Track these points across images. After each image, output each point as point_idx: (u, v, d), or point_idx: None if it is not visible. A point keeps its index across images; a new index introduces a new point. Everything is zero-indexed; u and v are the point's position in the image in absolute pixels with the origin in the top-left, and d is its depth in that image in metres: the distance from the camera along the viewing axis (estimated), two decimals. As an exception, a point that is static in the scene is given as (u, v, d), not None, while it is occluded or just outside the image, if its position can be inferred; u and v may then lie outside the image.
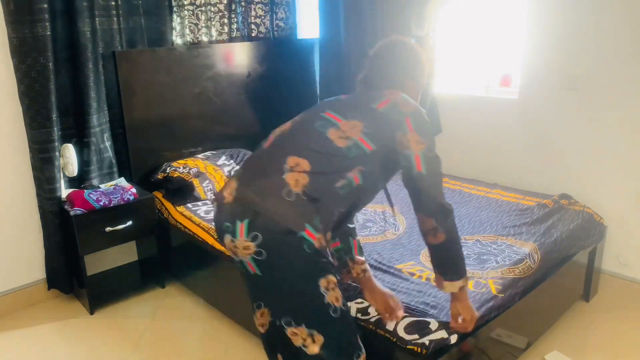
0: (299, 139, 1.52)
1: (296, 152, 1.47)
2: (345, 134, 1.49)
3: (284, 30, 3.70)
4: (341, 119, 1.52)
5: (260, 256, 1.38)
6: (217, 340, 2.46)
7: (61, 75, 2.68)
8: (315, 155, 1.46)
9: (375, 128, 1.51)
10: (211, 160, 3.11)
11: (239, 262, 1.46)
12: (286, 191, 1.39)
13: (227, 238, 1.44)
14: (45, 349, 2.46)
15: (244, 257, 1.42)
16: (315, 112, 1.59)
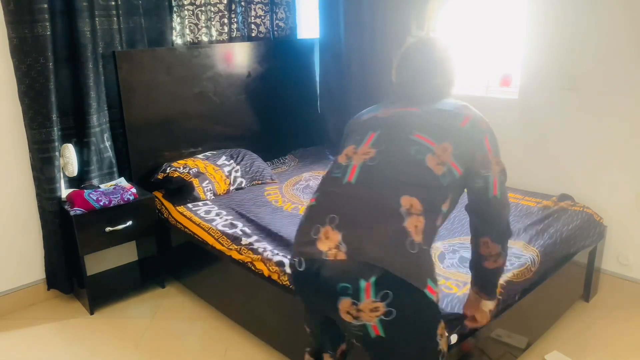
0: (400, 172, 1.31)
1: (407, 190, 1.28)
2: (440, 159, 1.33)
3: (284, 30, 3.70)
4: (434, 142, 1.34)
5: (389, 316, 1.20)
6: (217, 340, 2.46)
7: (61, 75, 2.68)
8: (424, 192, 1.29)
9: (461, 149, 1.36)
10: (211, 160, 3.10)
11: (357, 326, 1.24)
12: (409, 242, 1.23)
13: (344, 302, 1.22)
14: (45, 349, 2.46)
15: (369, 320, 1.21)
16: (402, 135, 1.37)
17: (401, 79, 1.54)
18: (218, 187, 2.94)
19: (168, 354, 2.39)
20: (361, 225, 1.26)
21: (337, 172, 1.39)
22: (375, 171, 1.33)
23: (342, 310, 1.24)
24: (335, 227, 1.27)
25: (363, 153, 1.38)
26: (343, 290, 1.22)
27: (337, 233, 1.26)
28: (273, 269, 2.14)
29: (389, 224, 1.25)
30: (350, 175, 1.35)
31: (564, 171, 2.80)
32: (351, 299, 1.21)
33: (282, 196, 2.92)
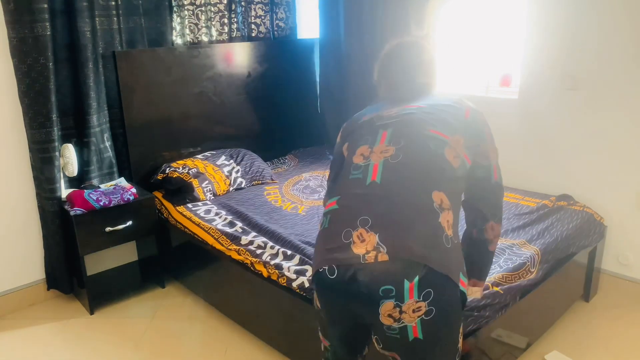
0: (425, 168, 1.31)
1: (436, 185, 1.28)
2: (455, 152, 1.34)
3: (284, 30, 3.70)
4: (448, 136, 1.36)
5: (429, 315, 1.20)
6: (217, 340, 2.46)
7: (61, 75, 2.68)
8: (449, 186, 1.30)
9: (470, 141, 1.39)
10: (211, 160, 3.10)
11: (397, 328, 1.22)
12: (445, 237, 1.24)
13: (386, 305, 1.20)
14: (45, 349, 2.46)
15: (411, 321, 1.21)
16: (417, 131, 1.37)
17: (389, 79, 1.58)
18: (218, 188, 2.94)
19: (168, 354, 2.39)
20: (398, 224, 1.24)
21: (357, 173, 1.35)
22: (400, 168, 1.31)
23: (384, 314, 1.21)
24: (370, 228, 1.24)
25: (381, 151, 1.35)
26: (386, 293, 1.19)
27: (372, 235, 1.23)
28: (272, 271, 2.14)
29: (426, 221, 1.24)
30: (374, 174, 1.32)
31: (564, 171, 2.80)
32: (394, 302, 1.19)
33: (281, 196, 2.92)
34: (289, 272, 2.08)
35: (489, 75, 3.15)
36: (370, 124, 1.46)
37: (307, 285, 2.00)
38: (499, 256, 2.13)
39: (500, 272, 1.98)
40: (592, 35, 2.55)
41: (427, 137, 1.35)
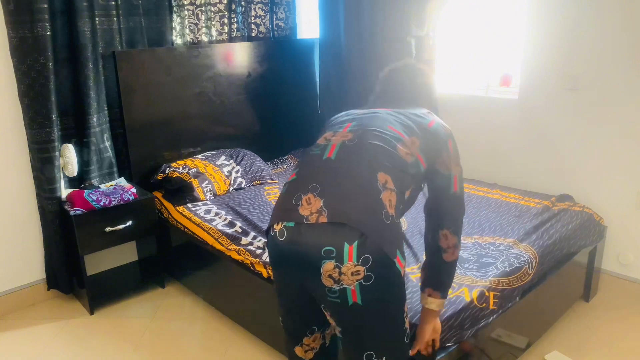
0: (377, 152, 1.43)
1: (382, 168, 1.39)
2: (409, 150, 1.47)
3: (284, 30, 3.70)
4: (404, 135, 1.49)
5: (368, 281, 1.28)
6: (217, 340, 2.47)
7: (61, 75, 2.68)
8: (396, 172, 1.41)
9: (427, 146, 1.51)
10: (211, 160, 3.10)
11: (337, 291, 1.31)
12: (384, 213, 1.33)
13: (327, 265, 1.29)
14: (45, 349, 2.46)
15: (350, 284, 1.29)
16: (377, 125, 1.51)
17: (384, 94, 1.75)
18: (218, 188, 2.94)
19: (168, 354, 2.39)
20: (341, 193, 1.36)
21: (316, 150, 1.51)
22: (354, 149, 1.45)
23: (325, 274, 1.30)
24: (317, 194, 1.36)
25: (342, 136, 1.51)
26: (327, 254, 1.28)
27: (318, 200, 1.35)
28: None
29: (367, 194, 1.35)
30: (330, 152, 1.47)
31: (564, 171, 2.80)
32: (335, 262, 1.28)
33: (282, 196, 2.92)
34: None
35: (489, 75, 3.15)
36: (341, 119, 1.64)
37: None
38: (497, 257, 2.13)
39: (496, 276, 1.97)
40: (592, 36, 2.55)
41: (383, 130, 1.49)
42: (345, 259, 1.27)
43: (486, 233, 2.37)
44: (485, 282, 1.93)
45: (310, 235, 1.32)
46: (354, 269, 1.27)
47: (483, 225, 2.46)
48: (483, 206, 2.68)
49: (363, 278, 1.28)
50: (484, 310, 1.83)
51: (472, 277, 1.96)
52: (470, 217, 2.53)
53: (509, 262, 2.07)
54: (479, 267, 2.05)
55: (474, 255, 2.16)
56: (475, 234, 2.37)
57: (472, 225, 2.45)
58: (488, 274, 1.98)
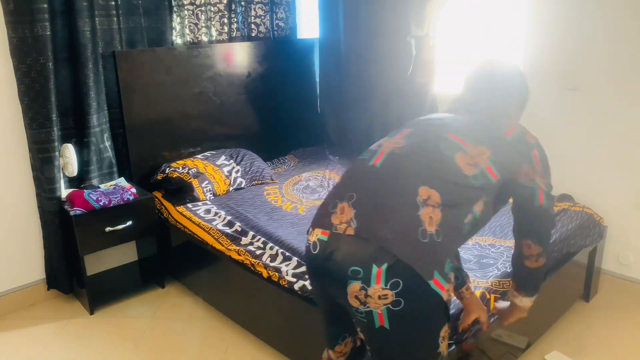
0: (425, 164, 1.34)
1: (427, 181, 1.29)
2: (473, 161, 1.34)
3: (284, 30, 3.70)
4: (468, 144, 1.36)
5: (397, 306, 1.20)
6: (217, 340, 2.47)
7: (61, 75, 2.68)
8: (446, 185, 1.30)
9: (502, 157, 1.39)
10: (210, 160, 3.10)
11: (363, 312, 1.25)
12: (421, 231, 1.23)
13: (353, 286, 1.22)
14: (45, 349, 2.46)
15: (376, 307, 1.22)
16: (435, 132, 1.42)
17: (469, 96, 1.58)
18: (217, 188, 2.94)
19: (168, 354, 2.39)
20: (376, 207, 1.29)
21: (365, 155, 1.44)
22: (400, 159, 1.37)
23: (351, 295, 1.24)
24: (352, 204, 1.30)
25: (394, 143, 1.43)
26: (354, 274, 1.22)
27: (351, 209, 1.29)
28: (272, 273, 2.14)
29: (403, 210, 1.26)
30: (377, 159, 1.39)
31: (564, 171, 2.79)
32: (361, 284, 1.21)
33: (281, 196, 2.92)
34: (288, 276, 2.08)
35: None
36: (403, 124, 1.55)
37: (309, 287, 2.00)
38: (497, 258, 2.13)
39: (497, 277, 1.98)
40: (592, 36, 2.55)
41: (441, 139, 1.39)
42: (373, 282, 1.20)
43: (486, 234, 2.37)
44: (487, 282, 1.93)
45: (340, 250, 1.26)
46: (382, 293, 1.20)
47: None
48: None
49: (391, 303, 1.20)
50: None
51: (473, 277, 1.96)
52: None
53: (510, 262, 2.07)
54: (479, 267, 2.05)
55: (474, 256, 2.16)
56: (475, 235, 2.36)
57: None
58: (489, 275, 1.98)
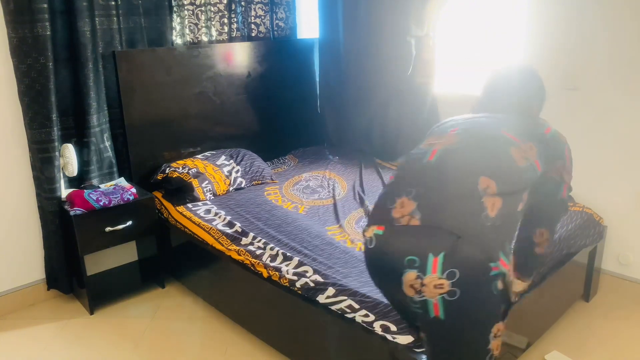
0: (483, 157, 1.40)
1: (486, 171, 1.34)
2: (525, 155, 1.42)
3: (284, 30, 3.70)
4: (519, 140, 1.44)
5: (452, 296, 1.24)
6: (217, 340, 2.47)
7: (61, 75, 2.68)
8: (503, 175, 1.36)
9: (544, 153, 1.48)
10: (210, 160, 3.10)
11: (418, 302, 1.28)
12: (484, 215, 1.28)
13: (409, 274, 1.27)
14: (45, 349, 2.46)
15: (432, 296, 1.25)
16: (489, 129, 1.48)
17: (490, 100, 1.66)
18: (217, 188, 2.94)
19: (168, 354, 2.39)
20: (437, 197, 1.33)
21: (417, 153, 1.48)
22: (456, 154, 1.41)
23: (406, 284, 1.28)
24: (412, 197, 1.34)
25: (446, 141, 1.47)
26: (410, 263, 1.26)
27: (412, 203, 1.33)
28: (272, 272, 2.14)
29: (466, 198, 1.31)
30: (431, 156, 1.43)
31: (564, 171, 2.80)
32: (417, 272, 1.25)
33: (282, 196, 2.92)
34: (289, 275, 2.08)
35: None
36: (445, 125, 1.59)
37: (311, 285, 2.00)
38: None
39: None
40: (592, 35, 2.55)
41: (495, 134, 1.45)
42: (429, 270, 1.24)
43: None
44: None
45: (396, 241, 1.32)
46: (437, 282, 1.23)
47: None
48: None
49: (447, 293, 1.23)
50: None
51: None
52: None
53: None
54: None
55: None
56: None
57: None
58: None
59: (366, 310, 1.81)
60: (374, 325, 1.76)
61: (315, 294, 1.97)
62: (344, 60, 3.53)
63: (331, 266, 2.08)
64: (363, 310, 1.82)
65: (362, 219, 2.57)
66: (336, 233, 2.41)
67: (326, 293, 1.94)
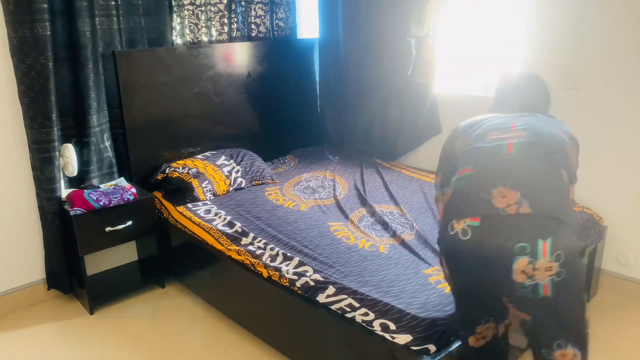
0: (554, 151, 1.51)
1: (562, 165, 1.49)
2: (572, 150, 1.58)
3: (284, 30, 3.70)
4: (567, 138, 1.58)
5: (559, 277, 1.35)
6: (217, 340, 2.47)
7: (61, 75, 2.68)
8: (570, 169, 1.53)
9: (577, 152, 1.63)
10: (210, 160, 3.10)
11: (529, 286, 1.36)
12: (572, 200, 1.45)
13: (521, 261, 1.34)
14: (45, 349, 2.46)
15: (543, 279, 1.35)
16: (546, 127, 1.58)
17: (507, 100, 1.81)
18: (217, 188, 2.94)
19: (168, 354, 2.39)
20: (537, 187, 1.42)
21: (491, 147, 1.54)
22: (533, 147, 1.50)
23: (517, 270, 1.34)
24: (511, 187, 1.41)
25: (515, 135, 1.54)
26: (521, 250, 1.33)
27: (514, 192, 1.40)
28: (272, 272, 2.14)
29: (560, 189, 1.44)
30: (509, 149, 1.50)
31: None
32: (529, 258, 1.33)
33: (282, 196, 2.92)
34: (289, 275, 2.08)
35: (489, 75, 3.15)
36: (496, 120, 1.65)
37: (311, 284, 2.00)
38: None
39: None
40: (592, 35, 2.55)
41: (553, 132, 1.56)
42: (540, 255, 1.32)
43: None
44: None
45: (502, 230, 1.38)
46: (548, 265, 1.33)
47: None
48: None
49: (555, 274, 1.34)
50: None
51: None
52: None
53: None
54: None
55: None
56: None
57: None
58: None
59: (366, 309, 1.81)
60: (374, 324, 1.76)
61: (315, 293, 1.97)
62: (344, 60, 3.53)
63: (332, 265, 2.09)
64: (363, 309, 1.82)
65: (365, 218, 2.57)
66: (338, 230, 2.42)
67: (326, 292, 1.94)
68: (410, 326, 1.70)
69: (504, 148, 1.51)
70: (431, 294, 1.85)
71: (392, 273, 2.02)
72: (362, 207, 2.73)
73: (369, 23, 3.30)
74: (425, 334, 1.68)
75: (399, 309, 1.76)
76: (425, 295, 1.85)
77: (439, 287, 1.90)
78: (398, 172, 3.29)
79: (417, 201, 2.77)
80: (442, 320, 1.71)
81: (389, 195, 2.88)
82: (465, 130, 1.70)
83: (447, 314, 1.73)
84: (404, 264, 2.09)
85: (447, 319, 1.72)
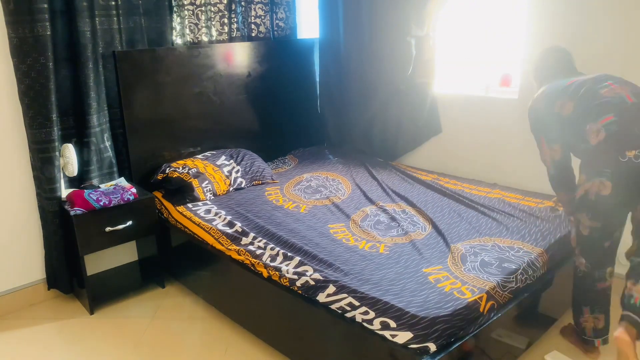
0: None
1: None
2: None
3: (284, 30, 3.70)
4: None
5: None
6: (217, 340, 2.46)
7: (61, 75, 2.68)
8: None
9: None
10: (211, 160, 3.10)
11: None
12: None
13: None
14: (45, 349, 2.46)
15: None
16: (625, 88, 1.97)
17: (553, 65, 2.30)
18: (218, 188, 2.94)
19: (168, 354, 2.39)
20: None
21: (615, 97, 1.93)
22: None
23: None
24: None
25: (625, 89, 2.00)
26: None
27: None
28: (272, 272, 2.14)
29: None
30: (629, 99, 1.93)
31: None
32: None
33: (283, 196, 2.92)
34: (289, 274, 2.08)
35: (489, 75, 3.15)
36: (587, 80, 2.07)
37: (311, 284, 2.00)
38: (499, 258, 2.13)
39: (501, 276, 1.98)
40: (591, 35, 2.55)
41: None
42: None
43: (485, 235, 2.37)
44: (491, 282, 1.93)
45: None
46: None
47: (482, 227, 2.46)
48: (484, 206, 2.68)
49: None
50: (485, 309, 1.83)
51: (474, 276, 1.96)
52: (470, 219, 2.53)
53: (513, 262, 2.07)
54: (482, 266, 2.05)
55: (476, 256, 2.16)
56: (475, 236, 2.37)
57: (472, 226, 2.45)
58: (492, 274, 1.98)
59: (366, 307, 1.81)
60: (374, 323, 1.77)
61: (315, 293, 1.97)
62: (344, 60, 3.54)
63: (332, 264, 2.09)
64: (363, 307, 1.82)
65: (368, 218, 2.57)
66: (338, 232, 2.42)
67: (326, 291, 1.94)
68: (410, 324, 1.70)
69: (625, 99, 1.90)
70: (431, 293, 1.85)
71: (392, 272, 2.02)
72: (365, 207, 2.73)
73: (369, 23, 3.30)
74: (425, 332, 1.68)
75: (399, 307, 1.76)
76: (425, 293, 1.85)
77: (439, 285, 1.90)
78: (401, 170, 3.28)
79: (422, 200, 2.77)
80: (442, 318, 1.71)
81: (394, 194, 2.88)
82: (558, 94, 2.06)
83: (447, 312, 1.73)
84: (404, 262, 2.09)
85: (447, 317, 1.72)
